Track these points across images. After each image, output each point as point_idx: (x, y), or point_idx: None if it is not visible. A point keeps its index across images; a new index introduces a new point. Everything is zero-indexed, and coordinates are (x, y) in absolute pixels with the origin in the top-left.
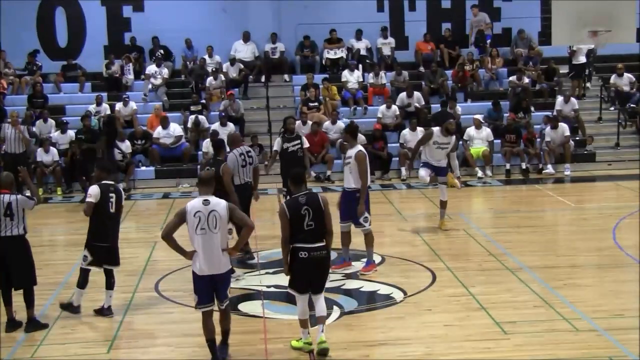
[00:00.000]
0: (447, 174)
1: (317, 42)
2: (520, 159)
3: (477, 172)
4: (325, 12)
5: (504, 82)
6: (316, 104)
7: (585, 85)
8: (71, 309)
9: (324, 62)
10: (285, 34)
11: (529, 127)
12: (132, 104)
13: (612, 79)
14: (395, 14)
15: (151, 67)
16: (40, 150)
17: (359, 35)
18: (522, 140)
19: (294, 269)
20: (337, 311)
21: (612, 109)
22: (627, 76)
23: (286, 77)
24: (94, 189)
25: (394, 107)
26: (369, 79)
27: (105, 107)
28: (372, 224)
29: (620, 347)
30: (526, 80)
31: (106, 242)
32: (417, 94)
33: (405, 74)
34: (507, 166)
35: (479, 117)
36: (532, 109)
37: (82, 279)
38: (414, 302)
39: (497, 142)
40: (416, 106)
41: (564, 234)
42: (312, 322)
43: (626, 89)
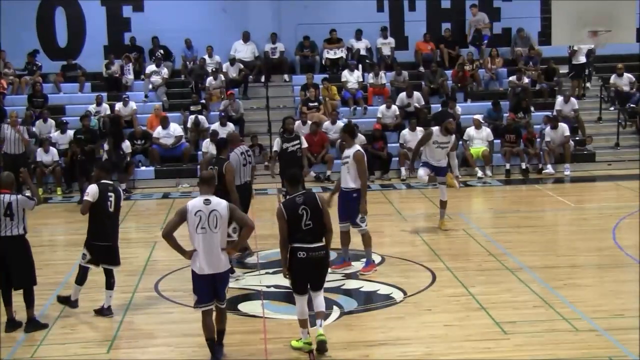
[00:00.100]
0: (446, 174)
1: (317, 42)
2: (520, 159)
3: (477, 172)
4: (325, 12)
5: (503, 82)
6: (316, 104)
7: (585, 85)
8: (70, 303)
9: (324, 62)
10: (285, 34)
11: (528, 127)
12: (132, 104)
13: (612, 79)
14: (395, 14)
15: (150, 67)
16: (40, 150)
17: (358, 35)
18: (522, 140)
19: (293, 269)
20: (337, 311)
21: (612, 109)
22: (627, 76)
23: (286, 77)
24: (92, 188)
25: (394, 107)
26: (369, 79)
27: (105, 107)
28: (371, 224)
29: (620, 347)
30: (526, 80)
31: (105, 242)
32: (417, 94)
33: (405, 74)
34: (507, 166)
35: (479, 117)
36: (532, 109)
37: (80, 276)
38: (413, 302)
39: (497, 142)
40: (416, 106)
41: (564, 234)
42: (312, 322)
43: (626, 89)
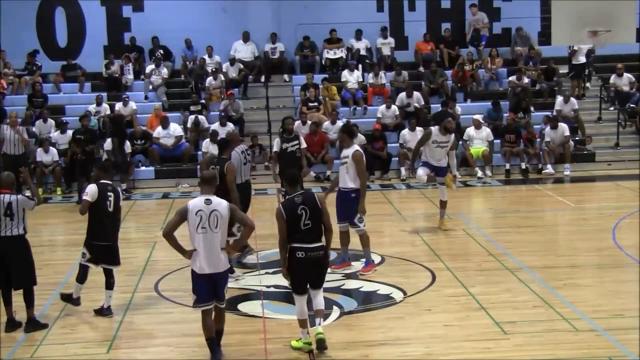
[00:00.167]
0: (446, 174)
1: (317, 42)
2: (520, 159)
3: (476, 172)
4: (325, 12)
5: (503, 82)
6: (316, 104)
7: (585, 85)
8: (72, 301)
9: (324, 62)
10: (285, 34)
11: (528, 127)
12: (132, 104)
13: (612, 79)
14: (395, 14)
15: (149, 67)
16: (40, 150)
17: (358, 35)
18: (522, 140)
19: (292, 269)
20: (336, 311)
21: (611, 109)
22: (627, 76)
23: (286, 77)
24: (91, 188)
25: (394, 107)
26: (369, 79)
27: (105, 107)
28: (371, 224)
29: (620, 347)
30: (526, 80)
31: (105, 241)
32: (416, 94)
33: (404, 74)
34: (507, 166)
35: (479, 117)
36: (532, 109)
37: (80, 274)
38: (413, 302)
39: (497, 142)
40: (416, 106)
41: (563, 234)
42: (312, 322)
43: (626, 89)
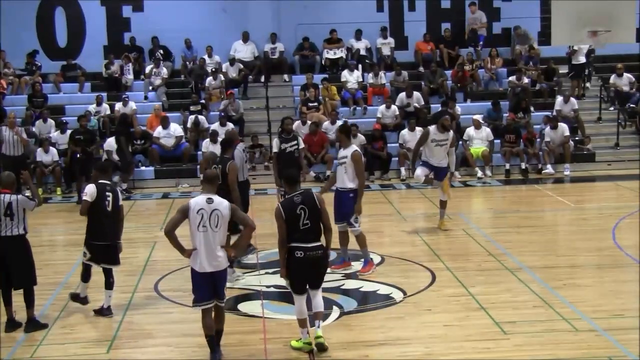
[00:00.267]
0: (445, 177)
1: (316, 42)
2: (520, 159)
3: (476, 172)
4: (324, 12)
5: (503, 82)
6: (316, 104)
7: (584, 85)
8: (80, 300)
9: (324, 62)
10: (284, 34)
11: (528, 127)
12: (132, 104)
13: (612, 79)
14: (394, 14)
15: (149, 67)
16: (40, 150)
17: (358, 35)
18: (521, 140)
19: (291, 268)
20: (336, 311)
21: (611, 109)
22: (627, 76)
23: (286, 77)
24: (90, 188)
25: (394, 107)
26: (369, 79)
27: (105, 107)
28: (371, 224)
29: (620, 347)
30: (526, 80)
31: (104, 241)
32: (416, 94)
33: (404, 74)
34: (507, 166)
35: (479, 117)
36: (532, 109)
37: (84, 273)
38: (413, 302)
39: (497, 142)
40: (415, 106)
41: (563, 234)
42: (312, 323)
43: (626, 89)
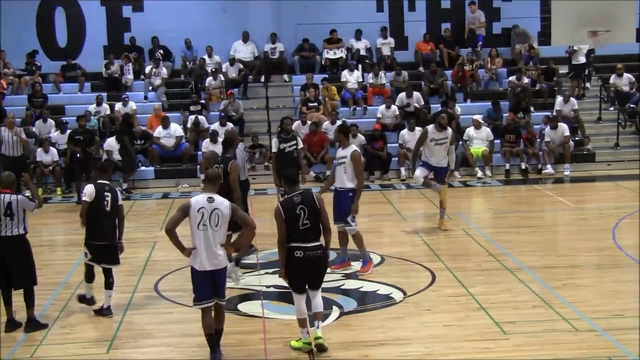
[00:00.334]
0: (444, 178)
1: (316, 42)
2: (519, 159)
3: (476, 172)
4: (324, 12)
5: (503, 82)
6: (315, 104)
7: (584, 85)
8: (86, 301)
9: (324, 62)
10: (284, 34)
11: (528, 127)
12: (132, 104)
13: (612, 79)
14: (394, 14)
15: (149, 67)
16: (40, 150)
17: (358, 35)
18: (521, 140)
19: (290, 268)
20: (336, 311)
21: (611, 109)
22: (627, 76)
23: (286, 77)
24: (89, 188)
25: (394, 107)
26: (369, 79)
27: (105, 107)
28: (371, 224)
29: (619, 347)
30: (526, 80)
31: (102, 241)
32: (416, 94)
33: (404, 74)
34: (507, 166)
35: (478, 117)
36: (532, 109)
37: (87, 274)
38: (413, 302)
39: (497, 142)
40: (415, 106)
41: (563, 234)
42: (312, 323)
43: (626, 89)
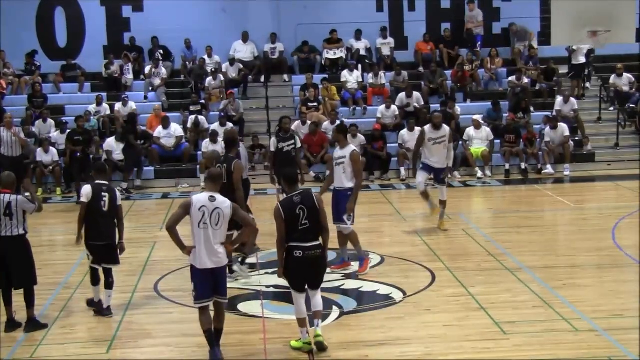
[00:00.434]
0: (444, 178)
1: (316, 42)
2: (519, 159)
3: (476, 172)
4: (324, 12)
5: (503, 82)
6: (315, 104)
7: (584, 85)
8: (95, 304)
9: (324, 62)
10: (284, 34)
11: (528, 127)
12: (132, 104)
13: (612, 79)
14: (394, 14)
15: (148, 67)
16: (40, 150)
17: (358, 35)
18: (521, 140)
19: (290, 267)
20: (336, 311)
21: (611, 109)
22: (627, 76)
23: (285, 77)
24: (86, 189)
25: (394, 107)
26: (369, 79)
27: (105, 107)
28: (371, 224)
29: (619, 347)
30: (525, 80)
31: (101, 241)
32: (416, 94)
33: (404, 74)
34: (507, 166)
35: (478, 117)
36: (532, 109)
37: (92, 277)
38: (413, 302)
39: (497, 142)
40: (415, 106)
41: (563, 234)
42: (312, 323)
43: (626, 89)
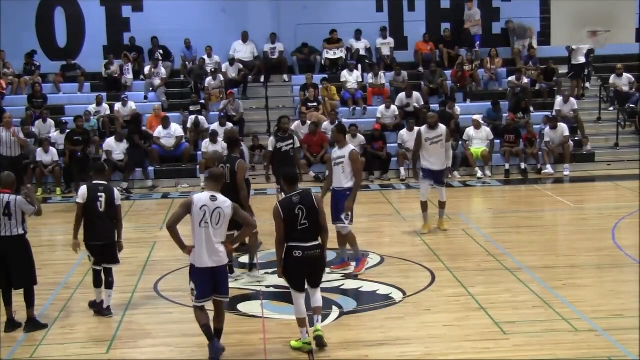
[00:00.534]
0: (443, 178)
1: (316, 42)
2: (519, 159)
3: (476, 172)
4: (324, 12)
5: (503, 82)
6: (315, 104)
7: (584, 85)
8: (96, 306)
9: (323, 62)
10: (284, 34)
11: (528, 127)
12: (132, 104)
13: (612, 79)
14: (394, 14)
15: (148, 67)
16: (39, 150)
17: (358, 35)
18: (521, 140)
19: (289, 267)
20: (336, 311)
21: (611, 109)
22: (627, 76)
23: (285, 77)
24: (81, 190)
25: (393, 107)
26: (368, 79)
27: (105, 107)
28: (371, 224)
29: (619, 347)
30: (525, 80)
31: (97, 241)
32: (416, 94)
33: (404, 74)
34: (507, 166)
35: (478, 117)
36: (532, 109)
37: (94, 279)
38: (413, 302)
39: (497, 142)
40: (415, 106)
41: (563, 234)
42: (312, 323)
43: (625, 89)
